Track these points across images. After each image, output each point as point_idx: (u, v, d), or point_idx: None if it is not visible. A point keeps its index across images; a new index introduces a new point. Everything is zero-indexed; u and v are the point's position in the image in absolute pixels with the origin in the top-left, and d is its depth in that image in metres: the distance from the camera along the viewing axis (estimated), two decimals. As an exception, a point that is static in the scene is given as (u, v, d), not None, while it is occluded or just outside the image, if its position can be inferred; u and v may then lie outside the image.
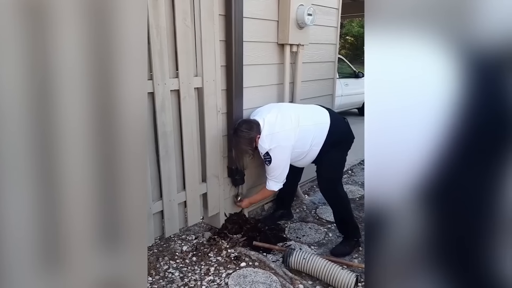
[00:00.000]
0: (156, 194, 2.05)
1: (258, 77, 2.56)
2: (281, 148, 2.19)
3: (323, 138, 2.25)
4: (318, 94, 3.18)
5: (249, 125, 2.19)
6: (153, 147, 1.97)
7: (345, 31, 18.31)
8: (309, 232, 2.63)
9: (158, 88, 1.89)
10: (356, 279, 1.91)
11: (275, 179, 2.29)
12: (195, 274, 2.10)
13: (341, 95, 6.17)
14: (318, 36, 3.05)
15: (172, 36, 1.94)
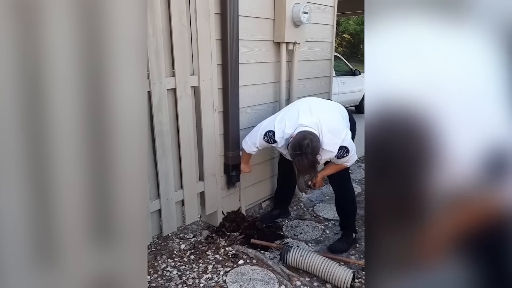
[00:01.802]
0: (154, 193, 2.05)
1: (255, 76, 2.57)
2: (347, 131, 2.10)
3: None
4: (314, 92, 3.19)
5: (308, 140, 1.93)
6: (150, 146, 1.97)
7: (342, 29, 18.31)
8: (306, 229, 2.64)
9: (154, 87, 1.89)
10: (353, 276, 1.92)
11: (355, 156, 2.17)
12: (193, 272, 2.10)
13: (338, 93, 6.18)
14: (314, 34, 3.06)
15: (168, 35, 1.94)
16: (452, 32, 0.82)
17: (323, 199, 3.17)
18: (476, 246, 0.85)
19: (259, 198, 2.93)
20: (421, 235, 0.88)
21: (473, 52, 0.81)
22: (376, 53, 0.87)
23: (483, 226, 0.83)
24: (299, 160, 1.93)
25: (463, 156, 0.81)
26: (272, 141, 2.18)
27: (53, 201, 0.83)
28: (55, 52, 0.79)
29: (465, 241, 0.85)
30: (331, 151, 2.03)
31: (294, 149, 1.95)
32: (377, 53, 0.87)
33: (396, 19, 0.84)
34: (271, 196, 3.00)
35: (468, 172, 0.81)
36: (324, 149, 2.02)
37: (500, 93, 0.80)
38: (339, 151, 2.05)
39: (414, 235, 0.88)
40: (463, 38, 0.81)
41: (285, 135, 2.12)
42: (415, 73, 0.83)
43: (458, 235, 0.85)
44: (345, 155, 2.08)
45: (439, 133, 0.81)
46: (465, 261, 0.86)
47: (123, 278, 0.96)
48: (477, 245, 0.85)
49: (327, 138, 2.02)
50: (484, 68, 0.81)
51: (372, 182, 0.92)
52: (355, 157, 2.18)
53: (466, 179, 0.82)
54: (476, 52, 0.81)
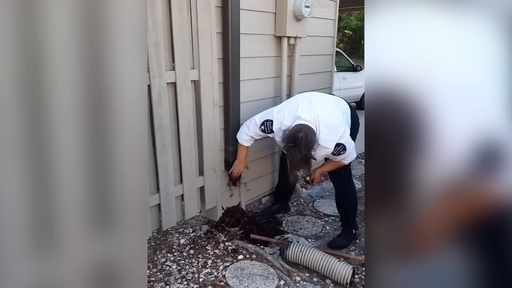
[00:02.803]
0: (153, 188, 2.04)
1: (255, 70, 2.55)
2: (345, 128, 2.07)
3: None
4: (315, 87, 3.17)
5: (303, 133, 1.91)
6: (150, 140, 1.96)
7: (343, 24, 18.22)
8: (306, 225, 2.64)
9: (154, 80, 1.88)
10: (352, 271, 1.91)
11: (353, 153, 2.14)
12: (192, 267, 2.10)
13: (339, 89, 6.15)
14: (316, 29, 3.03)
15: (169, 28, 1.92)
16: (454, 19, 0.80)
17: (323, 194, 3.16)
18: (471, 237, 0.84)
19: (259, 193, 2.93)
20: (414, 220, 0.87)
21: (474, 41, 0.80)
22: (376, 36, 0.86)
23: (477, 216, 0.83)
24: (291, 153, 1.91)
25: (454, 144, 0.80)
26: (269, 130, 2.16)
27: (53, 187, 0.83)
28: (55, 42, 0.78)
29: (461, 230, 0.84)
30: (327, 147, 2.01)
31: (288, 141, 1.94)
32: (377, 35, 0.86)
33: (399, 3, 0.83)
34: (271, 191, 3.00)
35: (459, 161, 0.80)
36: (320, 145, 2.00)
37: (498, 84, 0.79)
38: (336, 148, 2.02)
39: (408, 220, 0.88)
40: (464, 26, 0.80)
41: (283, 127, 2.10)
42: (412, 58, 0.83)
43: (452, 223, 0.85)
44: (342, 152, 2.06)
45: (431, 118, 0.80)
46: (460, 251, 0.85)
47: (124, 264, 0.96)
48: (472, 235, 0.84)
49: (324, 134, 1.99)
50: (483, 58, 0.80)
51: (369, 164, 0.92)
52: (354, 155, 2.16)
53: (457, 168, 0.81)
54: (477, 40, 0.80)
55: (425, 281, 0.89)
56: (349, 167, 2.32)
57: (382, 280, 0.92)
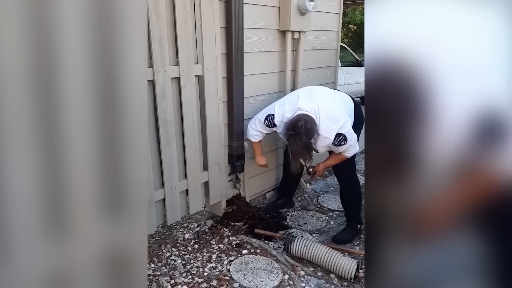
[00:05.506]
0: (158, 182, 2.05)
1: (259, 65, 2.54)
2: (346, 119, 2.08)
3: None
4: (320, 82, 3.15)
5: (302, 121, 1.93)
6: (154, 135, 1.97)
7: (347, 19, 18.06)
8: (310, 220, 2.64)
9: (158, 75, 1.88)
10: (357, 266, 1.91)
11: (355, 146, 2.14)
12: (197, 261, 2.11)
13: (344, 84, 6.11)
14: (320, 23, 3.01)
15: (172, 22, 1.92)
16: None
17: (327, 190, 3.15)
18: (478, 215, 0.82)
19: (264, 189, 2.93)
20: (416, 193, 0.85)
21: (477, 12, 0.79)
22: (377, 7, 0.84)
23: (481, 193, 0.81)
24: (292, 141, 1.94)
25: (457, 115, 0.79)
26: (272, 124, 2.18)
27: (64, 172, 0.85)
28: (66, 37, 0.80)
29: (467, 206, 0.83)
30: (327, 137, 2.02)
31: (288, 129, 1.96)
32: (378, 6, 0.84)
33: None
34: (275, 186, 3.00)
35: (461, 132, 0.79)
36: (320, 135, 2.01)
37: (501, 57, 0.78)
38: (336, 138, 2.03)
39: (409, 193, 0.86)
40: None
41: (284, 119, 2.12)
42: (415, 28, 0.81)
43: (458, 199, 0.83)
44: (343, 143, 2.06)
45: (433, 88, 0.79)
46: (468, 232, 0.83)
47: (125, 246, 0.98)
48: (478, 214, 0.82)
49: (324, 124, 2.01)
50: (487, 30, 0.79)
51: (369, 134, 0.91)
52: (356, 147, 2.15)
53: (459, 139, 0.80)
54: (480, 12, 0.78)
55: (428, 262, 0.87)
56: (354, 162, 2.31)
57: (383, 256, 0.90)
